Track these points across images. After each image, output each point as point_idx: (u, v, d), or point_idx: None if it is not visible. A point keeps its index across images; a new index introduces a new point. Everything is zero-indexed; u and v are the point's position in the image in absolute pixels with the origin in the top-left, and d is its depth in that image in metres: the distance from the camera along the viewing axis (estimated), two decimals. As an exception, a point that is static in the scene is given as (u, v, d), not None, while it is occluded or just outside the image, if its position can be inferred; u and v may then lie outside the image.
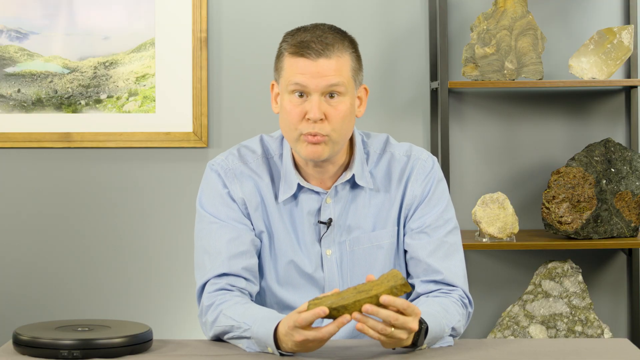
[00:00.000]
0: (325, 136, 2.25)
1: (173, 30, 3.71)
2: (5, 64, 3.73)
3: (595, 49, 3.54)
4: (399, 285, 2.00)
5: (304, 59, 2.23)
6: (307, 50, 2.23)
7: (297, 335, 2.03)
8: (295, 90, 2.25)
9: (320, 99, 2.24)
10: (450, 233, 2.36)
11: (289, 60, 2.26)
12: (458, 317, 2.26)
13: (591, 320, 3.54)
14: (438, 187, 2.38)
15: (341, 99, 2.25)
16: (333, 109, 2.25)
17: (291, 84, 2.25)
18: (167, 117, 3.72)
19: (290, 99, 2.26)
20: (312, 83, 2.23)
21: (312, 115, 2.23)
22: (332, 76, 2.23)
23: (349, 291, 2.02)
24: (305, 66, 2.23)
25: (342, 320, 1.99)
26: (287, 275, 2.35)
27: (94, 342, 2.08)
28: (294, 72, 2.24)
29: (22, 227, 3.75)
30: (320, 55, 2.23)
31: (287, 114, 2.26)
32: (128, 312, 3.74)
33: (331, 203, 2.35)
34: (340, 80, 2.24)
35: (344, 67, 2.25)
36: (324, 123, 2.24)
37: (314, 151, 2.26)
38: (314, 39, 2.25)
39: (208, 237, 2.33)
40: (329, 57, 2.24)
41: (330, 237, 2.35)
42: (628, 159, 3.56)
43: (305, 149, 2.27)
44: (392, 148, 2.41)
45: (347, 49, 2.27)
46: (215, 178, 2.37)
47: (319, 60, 2.23)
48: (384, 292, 1.99)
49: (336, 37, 2.27)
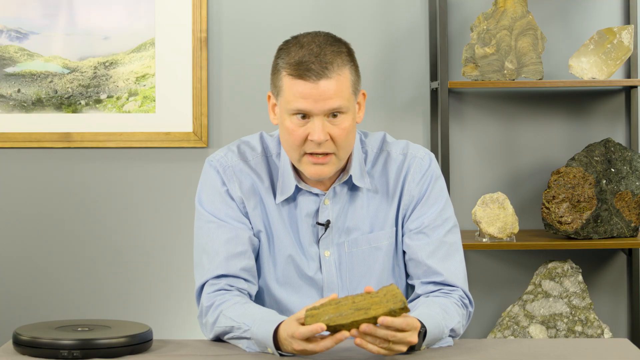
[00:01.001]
0: (331, 154, 2.24)
1: (173, 30, 3.71)
2: (5, 64, 3.73)
3: (595, 49, 3.54)
4: (398, 310, 1.97)
5: (304, 81, 2.19)
6: (306, 73, 2.19)
7: (296, 344, 2.03)
8: (297, 114, 2.23)
9: (323, 120, 2.21)
10: (450, 232, 2.35)
11: (288, 82, 2.21)
12: (458, 318, 2.25)
13: (591, 320, 3.54)
14: (435, 186, 2.36)
15: (344, 117, 2.23)
16: (337, 128, 2.22)
17: (293, 108, 2.21)
18: (167, 117, 3.72)
19: (292, 120, 2.23)
20: (315, 108, 2.20)
21: (317, 138, 2.20)
22: (334, 99, 2.20)
23: (347, 305, 2.00)
24: (305, 90, 2.19)
25: (339, 337, 1.99)
26: (285, 275, 2.35)
27: (94, 342, 2.08)
28: (295, 97, 2.21)
29: (22, 227, 3.75)
30: (320, 77, 2.19)
31: (289, 135, 2.24)
32: (128, 312, 3.74)
33: (329, 204, 2.34)
34: (342, 102, 2.21)
35: (344, 86, 2.22)
36: (329, 143, 2.23)
37: (319, 172, 2.25)
38: (312, 58, 2.20)
39: (206, 236, 2.33)
40: (329, 77, 2.20)
41: (328, 238, 2.35)
42: (628, 159, 3.56)
43: (309, 169, 2.26)
44: (389, 147, 2.39)
45: (345, 64, 2.23)
46: (214, 175, 2.36)
47: (319, 83, 2.19)
48: (382, 314, 1.97)
49: (334, 52, 2.22)
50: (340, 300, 2.01)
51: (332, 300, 2.02)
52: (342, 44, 2.26)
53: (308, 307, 2.03)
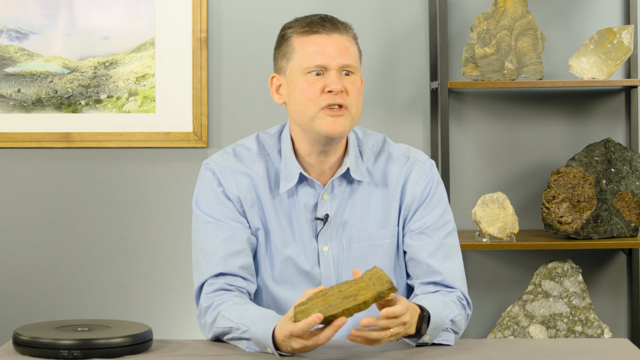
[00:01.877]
0: (346, 109, 2.27)
1: (173, 30, 3.71)
2: (5, 64, 3.73)
3: (595, 49, 3.54)
4: (386, 290, 1.98)
5: (318, 35, 2.28)
6: (320, 28, 2.28)
7: (295, 344, 2.04)
8: (313, 71, 2.27)
9: (338, 74, 2.27)
10: (450, 235, 2.37)
11: (301, 41, 2.29)
12: (457, 311, 2.26)
13: (591, 320, 3.54)
14: (437, 189, 2.39)
15: (355, 77, 2.30)
16: (350, 83, 2.29)
17: (309, 64, 2.27)
18: (167, 117, 3.72)
19: (307, 78, 2.28)
20: (331, 61, 2.26)
21: (335, 86, 2.26)
22: (347, 55, 2.28)
23: (334, 295, 2.00)
24: (321, 42, 2.27)
25: (338, 324, 1.99)
26: (283, 271, 2.35)
27: (94, 342, 2.08)
28: (311, 52, 2.27)
29: (22, 227, 3.75)
30: (333, 30, 2.29)
31: (304, 92, 2.28)
32: (128, 312, 3.74)
33: (328, 199, 2.35)
34: (353, 61, 2.29)
35: (353, 47, 2.32)
36: (344, 95, 2.27)
37: (335, 124, 2.27)
38: (323, 17, 2.31)
39: (203, 236, 2.34)
40: (342, 32, 2.30)
41: (327, 233, 2.35)
42: (628, 159, 3.56)
43: (325, 123, 2.28)
44: (390, 148, 2.42)
45: (351, 32, 2.33)
46: (210, 177, 2.37)
47: (333, 35, 2.29)
48: (371, 298, 1.98)
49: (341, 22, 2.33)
50: (327, 291, 2.01)
51: (319, 293, 2.02)
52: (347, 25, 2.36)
53: (296, 304, 2.03)
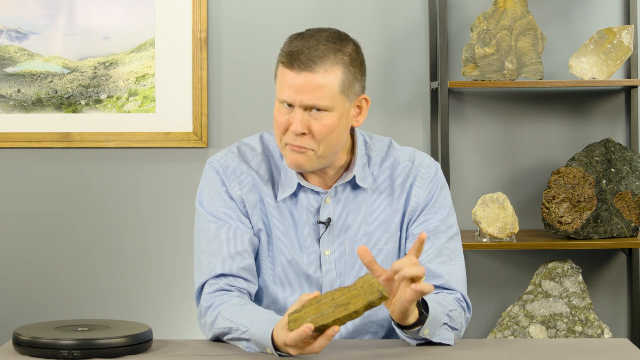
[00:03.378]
0: (308, 149, 2.25)
1: (173, 30, 3.71)
2: (5, 64, 3.73)
3: (595, 49, 3.54)
4: (376, 300, 1.98)
5: (290, 70, 2.22)
6: (294, 62, 2.21)
7: (292, 351, 2.04)
8: (284, 103, 2.25)
9: (303, 113, 2.22)
10: (452, 239, 2.37)
11: (280, 70, 2.26)
12: (453, 306, 2.26)
13: (591, 320, 3.54)
14: (441, 193, 2.38)
15: (326, 114, 2.23)
16: (317, 122, 2.22)
17: (279, 97, 2.26)
18: (167, 117, 3.72)
19: (279, 107, 2.26)
20: (295, 99, 2.22)
21: (293, 128, 2.22)
22: (312, 95, 2.20)
23: (327, 303, 2.00)
24: (290, 79, 2.22)
25: (331, 333, 1.99)
26: (285, 274, 2.35)
27: (94, 342, 2.08)
28: (282, 85, 2.24)
29: (22, 227, 3.75)
30: (304, 69, 2.20)
31: (275, 121, 2.27)
32: (128, 312, 3.74)
33: (330, 203, 2.34)
34: (321, 102, 2.21)
35: (330, 83, 2.21)
36: (306, 137, 2.23)
37: (295, 160, 2.26)
38: (304, 49, 2.21)
39: (206, 236, 2.33)
40: (314, 71, 2.20)
41: (329, 237, 2.35)
42: (628, 159, 3.56)
43: (290, 159, 2.27)
44: (396, 152, 2.40)
45: (338, 62, 2.22)
46: (214, 176, 2.37)
47: (302, 75, 2.20)
48: (362, 307, 1.98)
49: (329, 48, 2.22)
50: (321, 298, 2.01)
51: (313, 300, 2.02)
52: (346, 43, 2.25)
53: (290, 311, 2.03)
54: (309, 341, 2.01)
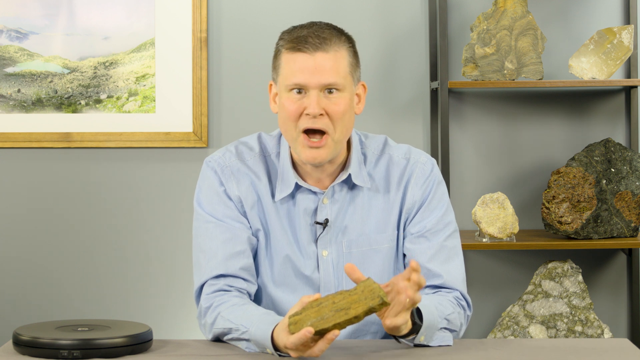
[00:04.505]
0: (327, 136, 2.24)
1: (173, 30, 3.71)
2: (5, 64, 3.73)
3: (595, 49, 3.54)
4: (377, 306, 1.98)
5: (302, 53, 2.22)
6: (304, 45, 2.22)
7: (293, 354, 2.04)
8: (294, 88, 2.24)
9: (319, 94, 2.23)
10: (450, 237, 2.36)
11: (287, 57, 2.25)
12: (451, 309, 2.25)
13: (591, 320, 3.54)
14: (437, 191, 2.37)
15: (340, 95, 2.24)
16: (332, 104, 2.24)
17: (289, 83, 2.24)
18: (167, 117, 3.72)
19: (289, 96, 2.25)
20: (310, 81, 2.22)
21: (312, 110, 2.21)
22: (330, 74, 2.22)
23: (328, 306, 2.00)
24: (303, 61, 2.22)
25: (331, 337, 1.99)
26: (282, 274, 2.35)
27: (94, 342, 2.08)
28: (292, 70, 2.23)
29: (22, 227, 3.75)
30: (317, 49, 2.22)
31: (286, 111, 2.25)
32: (128, 312, 3.74)
33: (328, 204, 2.34)
34: (338, 79, 2.23)
35: (341, 62, 2.24)
36: (324, 118, 2.23)
37: (314, 155, 2.25)
38: (311, 33, 2.24)
39: (204, 236, 2.33)
40: (327, 50, 2.23)
41: (326, 238, 2.34)
42: (628, 159, 3.56)
43: (305, 153, 2.26)
44: (391, 150, 2.40)
45: (343, 44, 2.26)
46: (212, 175, 2.36)
47: (316, 54, 2.22)
48: (362, 313, 1.98)
49: (333, 32, 2.26)
50: (322, 301, 2.01)
51: (314, 302, 2.02)
52: (343, 32, 2.30)
53: (290, 313, 2.03)
54: (309, 344, 2.01)
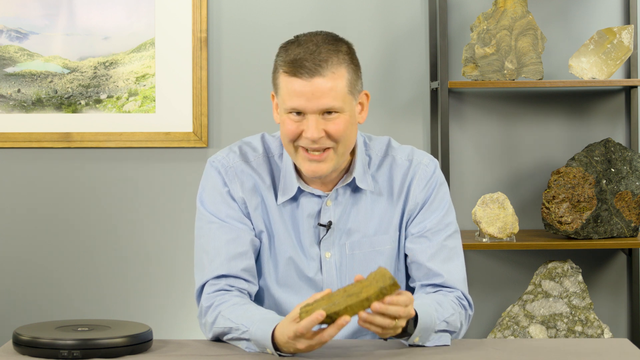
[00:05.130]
0: (329, 150, 2.24)
1: (173, 30, 3.71)
2: (5, 64, 3.73)
3: (595, 49, 3.54)
4: (388, 286, 1.99)
5: (297, 79, 2.20)
6: (300, 70, 2.20)
7: (300, 344, 2.03)
8: (293, 111, 2.24)
9: (317, 118, 2.22)
10: (451, 237, 2.36)
11: (284, 80, 2.23)
12: (451, 311, 2.25)
13: (591, 320, 3.54)
14: (439, 192, 2.38)
15: (339, 115, 2.23)
16: (332, 124, 2.23)
17: (287, 107, 2.23)
18: (167, 117, 3.72)
19: (288, 117, 2.24)
20: (308, 106, 2.21)
21: (310, 135, 2.21)
22: (327, 98, 2.20)
23: (339, 294, 2.01)
24: (299, 87, 2.20)
25: (341, 323, 1.99)
26: (286, 276, 2.35)
27: (94, 342, 2.08)
28: (290, 95, 2.22)
29: (22, 227, 3.75)
30: (314, 75, 2.20)
31: (286, 131, 2.25)
32: (128, 312, 3.74)
33: (331, 206, 2.34)
34: (336, 103, 2.21)
35: (339, 84, 2.22)
36: (324, 139, 2.23)
37: (315, 169, 2.25)
38: (307, 55, 2.21)
39: (207, 236, 2.33)
40: (324, 75, 2.20)
41: (329, 240, 2.35)
42: (628, 159, 3.56)
43: (305, 166, 2.26)
44: (394, 152, 2.40)
45: (342, 63, 2.23)
46: (216, 176, 2.36)
47: (313, 80, 2.20)
48: (374, 293, 1.98)
49: (330, 50, 2.22)
50: (333, 293, 2.02)
51: (325, 296, 2.03)
52: (341, 43, 2.26)
53: (301, 305, 2.03)
54: (319, 331, 2.01)
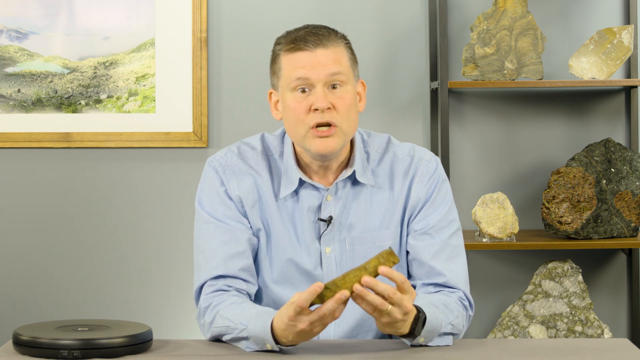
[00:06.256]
0: (335, 127, 2.25)
1: (173, 30, 3.71)
2: (5, 64, 3.73)
3: (595, 49, 3.54)
4: (385, 254, 2.00)
5: (302, 51, 2.25)
6: (303, 43, 2.25)
7: (301, 323, 2.03)
8: (298, 86, 2.25)
9: (324, 89, 2.25)
10: (454, 235, 2.36)
11: (287, 58, 2.27)
12: (457, 314, 2.25)
13: (591, 320, 3.54)
14: (442, 188, 2.38)
15: (344, 89, 2.26)
16: (338, 98, 2.26)
17: (293, 80, 2.25)
18: (167, 117, 3.72)
19: (294, 96, 2.26)
20: (314, 74, 2.24)
21: (320, 104, 2.23)
22: (332, 65, 2.25)
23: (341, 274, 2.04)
24: (304, 58, 2.24)
25: (340, 297, 1.99)
26: (285, 272, 2.35)
27: (94, 342, 2.08)
28: (294, 67, 2.25)
29: (22, 227, 3.75)
30: (317, 46, 2.25)
31: (293, 111, 2.26)
32: (128, 312, 3.74)
33: (332, 200, 2.35)
34: (341, 68, 2.26)
35: (341, 57, 2.27)
36: (332, 112, 2.25)
37: (325, 145, 2.26)
38: (308, 33, 2.27)
39: (205, 236, 2.33)
40: (326, 46, 2.26)
41: (330, 234, 2.35)
42: (628, 159, 3.56)
43: (315, 144, 2.27)
44: (395, 148, 2.41)
45: (340, 42, 2.29)
46: (213, 175, 2.37)
47: (317, 51, 2.25)
48: (372, 263, 2.01)
49: (330, 31, 2.30)
50: None
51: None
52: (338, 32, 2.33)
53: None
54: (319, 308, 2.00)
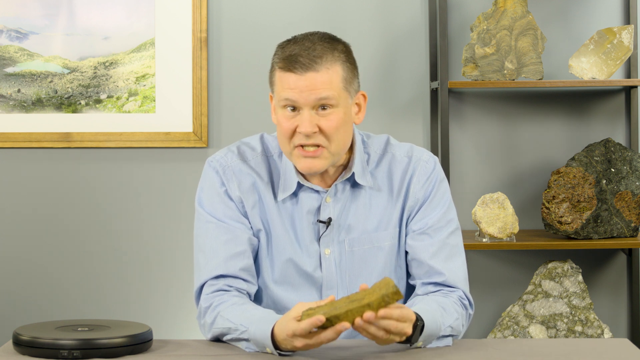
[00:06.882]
0: (322, 148, 2.25)
1: (173, 30, 3.71)
2: (5, 64, 3.73)
3: (595, 49, 3.54)
4: (391, 294, 1.98)
5: (292, 74, 2.23)
6: (294, 65, 2.23)
7: (297, 342, 2.04)
8: (287, 106, 2.25)
9: (311, 112, 2.23)
10: (453, 234, 2.36)
11: (279, 75, 2.26)
12: (456, 316, 2.25)
13: (591, 320, 3.54)
14: (440, 188, 2.38)
15: (333, 111, 2.24)
16: (325, 120, 2.24)
17: (282, 99, 2.25)
18: (167, 117, 3.72)
19: (283, 113, 2.26)
20: (301, 98, 2.23)
21: (304, 129, 2.22)
22: (321, 89, 2.22)
23: (342, 301, 2.02)
24: (294, 81, 2.23)
25: (339, 328, 2.00)
26: (284, 273, 2.35)
27: (94, 342, 2.08)
28: (284, 88, 2.24)
29: (22, 227, 3.75)
30: (307, 70, 2.22)
31: (281, 127, 2.27)
32: (128, 312, 3.74)
33: (331, 202, 2.35)
34: (330, 93, 2.23)
35: (333, 79, 2.24)
36: (318, 135, 2.24)
37: (309, 166, 2.26)
38: (302, 52, 2.23)
39: (205, 236, 2.34)
40: (317, 70, 2.22)
41: (329, 236, 2.35)
42: (628, 159, 3.56)
43: (300, 163, 2.27)
44: (393, 149, 2.41)
45: (337, 60, 2.25)
46: (213, 176, 2.37)
47: (307, 75, 2.22)
48: (376, 300, 1.98)
49: (326, 47, 2.25)
50: (337, 300, 2.03)
51: (329, 302, 2.04)
52: (338, 43, 2.28)
53: (304, 309, 2.04)
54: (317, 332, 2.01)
